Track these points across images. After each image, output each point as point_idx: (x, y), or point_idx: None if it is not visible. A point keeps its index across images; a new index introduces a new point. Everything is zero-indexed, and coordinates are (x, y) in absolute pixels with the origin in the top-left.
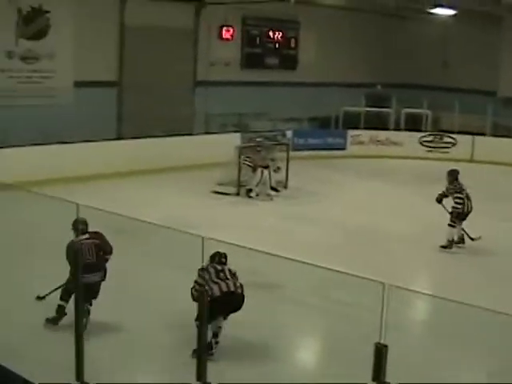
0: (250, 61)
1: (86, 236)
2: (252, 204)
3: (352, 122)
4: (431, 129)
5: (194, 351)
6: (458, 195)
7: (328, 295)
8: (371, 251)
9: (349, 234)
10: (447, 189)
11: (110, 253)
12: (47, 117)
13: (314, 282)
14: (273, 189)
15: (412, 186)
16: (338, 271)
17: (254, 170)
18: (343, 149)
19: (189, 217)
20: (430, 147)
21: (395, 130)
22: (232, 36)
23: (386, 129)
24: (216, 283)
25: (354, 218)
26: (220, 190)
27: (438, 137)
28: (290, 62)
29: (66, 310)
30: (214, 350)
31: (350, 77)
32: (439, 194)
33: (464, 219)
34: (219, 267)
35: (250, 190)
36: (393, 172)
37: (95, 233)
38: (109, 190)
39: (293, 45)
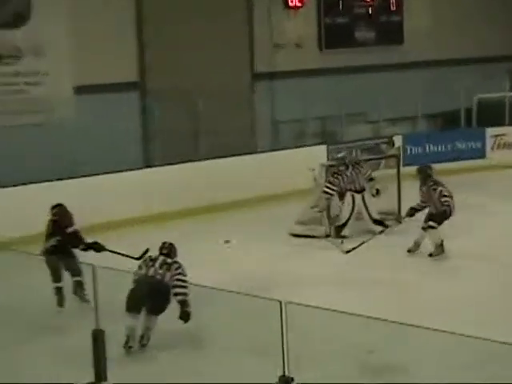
0: (333, 37)
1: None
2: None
3: (492, 115)
4: None
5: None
6: (442, 189)
7: (479, 375)
8: None
9: (505, 282)
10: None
11: (69, 226)
12: (38, 141)
13: (454, 359)
14: (378, 222)
15: None
16: (492, 341)
17: (342, 196)
18: (482, 157)
19: (261, 274)
20: None
21: None
22: (303, 1)
23: None
24: (143, 269)
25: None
26: (301, 232)
27: None
28: (392, 34)
29: None
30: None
31: (484, 49)
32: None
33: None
34: (153, 257)
35: (340, 228)
36: None
37: (59, 214)
38: (140, 240)
39: (394, 7)
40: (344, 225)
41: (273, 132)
